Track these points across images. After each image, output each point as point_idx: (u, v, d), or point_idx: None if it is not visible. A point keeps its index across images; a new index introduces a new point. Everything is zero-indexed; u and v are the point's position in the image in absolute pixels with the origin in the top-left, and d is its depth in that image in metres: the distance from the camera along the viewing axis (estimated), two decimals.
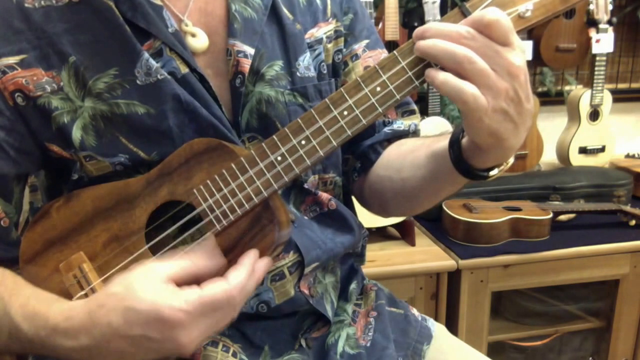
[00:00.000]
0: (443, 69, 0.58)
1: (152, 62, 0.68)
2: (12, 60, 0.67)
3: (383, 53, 0.87)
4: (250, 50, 0.73)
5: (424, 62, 0.60)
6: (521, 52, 0.57)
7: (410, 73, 0.60)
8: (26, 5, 0.68)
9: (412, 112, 0.89)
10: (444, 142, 0.69)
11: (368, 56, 0.85)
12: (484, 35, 0.56)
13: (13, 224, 0.73)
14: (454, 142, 0.67)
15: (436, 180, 0.73)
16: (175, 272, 0.59)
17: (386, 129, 0.86)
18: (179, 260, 0.61)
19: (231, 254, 0.65)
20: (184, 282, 0.59)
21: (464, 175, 0.67)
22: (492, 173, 0.67)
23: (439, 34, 0.57)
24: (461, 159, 0.66)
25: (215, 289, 0.58)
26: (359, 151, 0.87)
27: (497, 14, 0.55)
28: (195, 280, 0.60)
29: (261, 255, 0.65)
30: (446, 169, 0.69)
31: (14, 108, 0.68)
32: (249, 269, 0.60)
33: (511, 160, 0.67)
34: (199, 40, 0.72)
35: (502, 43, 0.56)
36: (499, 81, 0.56)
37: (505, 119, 0.58)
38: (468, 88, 0.56)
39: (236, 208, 0.64)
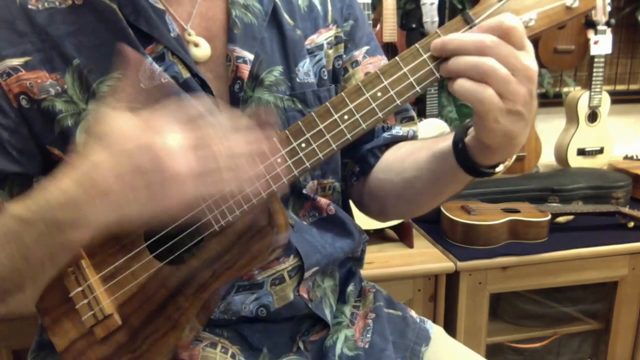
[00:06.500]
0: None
1: (156, 65, 0.68)
2: (16, 62, 0.67)
3: (383, 59, 0.87)
4: (250, 56, 0.73)
5: (426, 69, 0.60)
6: (533, 53, 0.58)
7: (411, 79, 0.61)
8: (30, 7, 0.68)
9: (411, 119, 0.89)
10: (446, 142, 0.70)
11: (368, 62, 0.86)
12: (505, 42, 0.56)
13: None
14: (458, 141, 0.67)
15: (439, 179, 0.74)
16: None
17: (385, 134, 0.86)
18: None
19: (228, 255, 0.65)
20: None
21: (469, 173, 0.67)
22: (497, 169, 0.67)
23: (462, 46, 0.57)
24: (467, 157, 0.66)
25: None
26: (358, 155, 0.87)
27: (514, 20, 0.56)
28: None
29: (259, 258, 0.65)
30: (449, 167, 0.69)
31: (18, 110, 0.68)
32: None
33: (514, 156, 0.67)
34: (201, 50, 0.72)
35: (519, 48, 0.57)
36: (518, 86, 0.57)
37: (520, 119, 0.59)
38: (484, 89, 0.56)
39: (235, 209, 0.64)
